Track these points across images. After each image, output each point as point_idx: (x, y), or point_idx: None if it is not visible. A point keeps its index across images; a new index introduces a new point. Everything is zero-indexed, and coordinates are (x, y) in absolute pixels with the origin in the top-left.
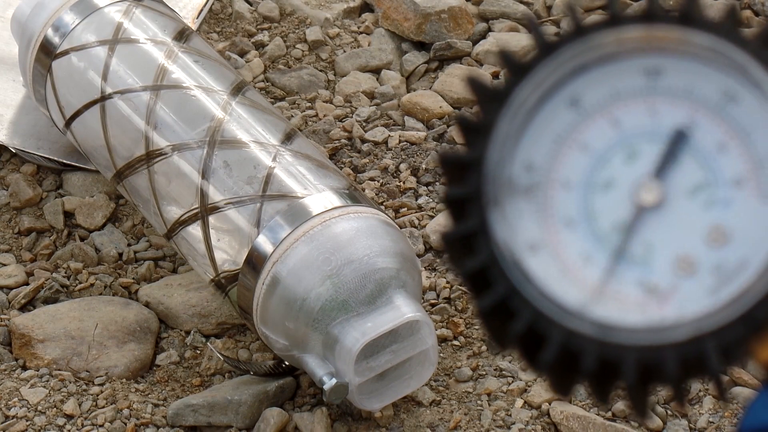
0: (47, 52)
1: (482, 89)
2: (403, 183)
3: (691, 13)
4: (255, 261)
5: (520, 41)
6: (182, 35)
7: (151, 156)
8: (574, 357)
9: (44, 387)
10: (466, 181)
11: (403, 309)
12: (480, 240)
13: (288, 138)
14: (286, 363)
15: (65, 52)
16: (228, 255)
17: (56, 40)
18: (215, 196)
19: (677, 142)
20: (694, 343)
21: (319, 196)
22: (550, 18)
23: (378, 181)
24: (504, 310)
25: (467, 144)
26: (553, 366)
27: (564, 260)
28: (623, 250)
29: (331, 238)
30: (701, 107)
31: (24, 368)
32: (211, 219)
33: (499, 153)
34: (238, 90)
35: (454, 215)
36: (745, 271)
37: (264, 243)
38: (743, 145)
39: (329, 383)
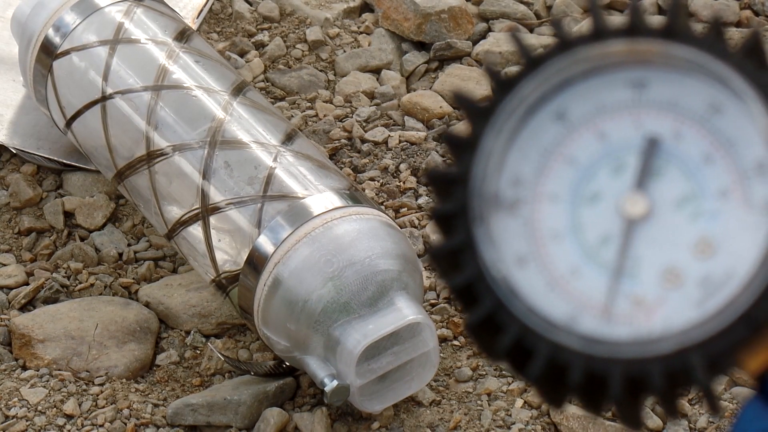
0: (48, 52)
1: (469, 104)
2: (403, 183)
3: (674, 27)
4: (256, 261)
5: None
6: (183, 35)
7: (152, 156)
8: (563, 370)
9: (44, 387)
10: (453, 197)
11: (404, 311)
12: (466, 255)
13: (289, 138)
14: (287, 363)
15: (66, 52)
16: (229, 255)
17: (57, 40)
18: (216, 196)
19: (651, 151)
20: (680, 356)
21: (320, 197)
22: (551, 18)
23: (378, 181)
24: (492, 324)
25: (454, 159)
26: (541, 379)
27: (551, 274)
28: (622, 269)
29: (332, 240)
30: (687, 119)
31: (24, 368)
32: (212, 219)
33: (484, 168)
34: (238, 90)
35: (441, 230)
36: (731, 282)
37: (265, 243)
38: (728, 156)
39: (330, 385)
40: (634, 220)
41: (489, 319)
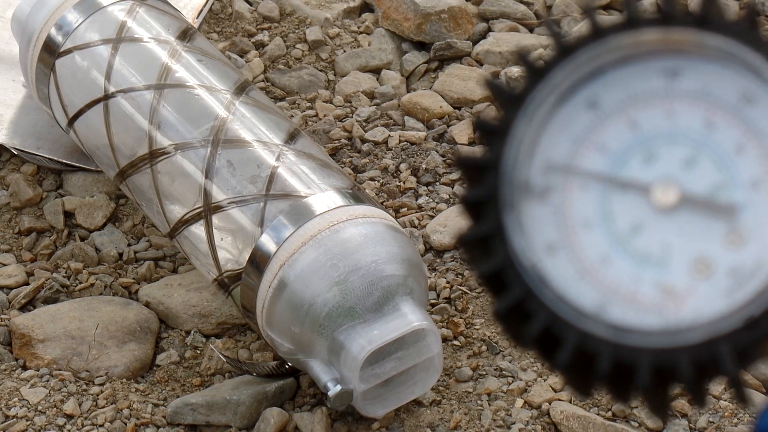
0: (50, 51)
1: (500, 91)
2: (403, 183)
3: (708, 16)
4: (258, 260)
5: (520, 41)
6: (186, 34)
7: (154, 155)
8: (591, 359)
9: (44, 387)
10: (483, 184)
11: (409, 317)
12: (496, 242)
13: (291, 138)
14: (289, 364)
15: (68, 51)
16: (231, 254)
17: (59, 39)
18: (218, 195)
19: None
20: (708, 346)
21: (323, 196)
22: (550, 18)
23: (378, 181)
24: (520, 311)
25: (485, 146)
26: (569, 368)
27: (581, 262)
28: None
29: (339, 244)
30: (719, 109)
31: (24, 368)
32: (215, 218)
33: (515, 155)
34: (241, 89)
35: (471, 217)
36: (760, 272)
37: (267, 242)
38: (760, 146)
39: (334, 389)
40: (664, 210)
41: (518, 307)
